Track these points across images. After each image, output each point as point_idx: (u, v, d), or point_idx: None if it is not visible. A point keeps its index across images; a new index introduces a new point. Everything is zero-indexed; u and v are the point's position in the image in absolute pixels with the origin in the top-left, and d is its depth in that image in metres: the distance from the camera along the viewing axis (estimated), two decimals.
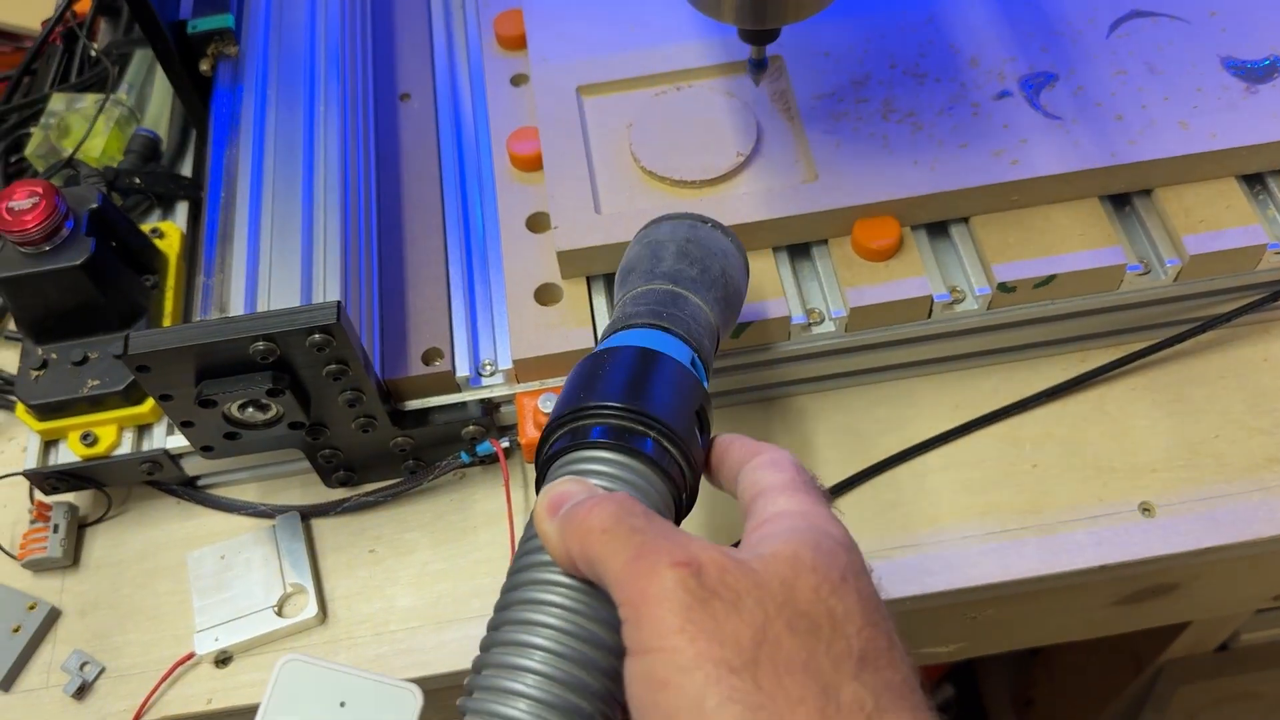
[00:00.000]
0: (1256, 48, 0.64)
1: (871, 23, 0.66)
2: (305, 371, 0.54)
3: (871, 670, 0.33)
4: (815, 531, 0.36)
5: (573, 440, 0.42)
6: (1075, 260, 0.60)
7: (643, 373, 0.44)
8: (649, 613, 0.33)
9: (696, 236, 0.51)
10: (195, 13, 0.68)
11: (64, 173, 0.70)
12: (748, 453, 0.42)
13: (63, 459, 0.61)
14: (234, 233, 0.59)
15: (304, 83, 0.66)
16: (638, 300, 0.49)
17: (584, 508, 0.37)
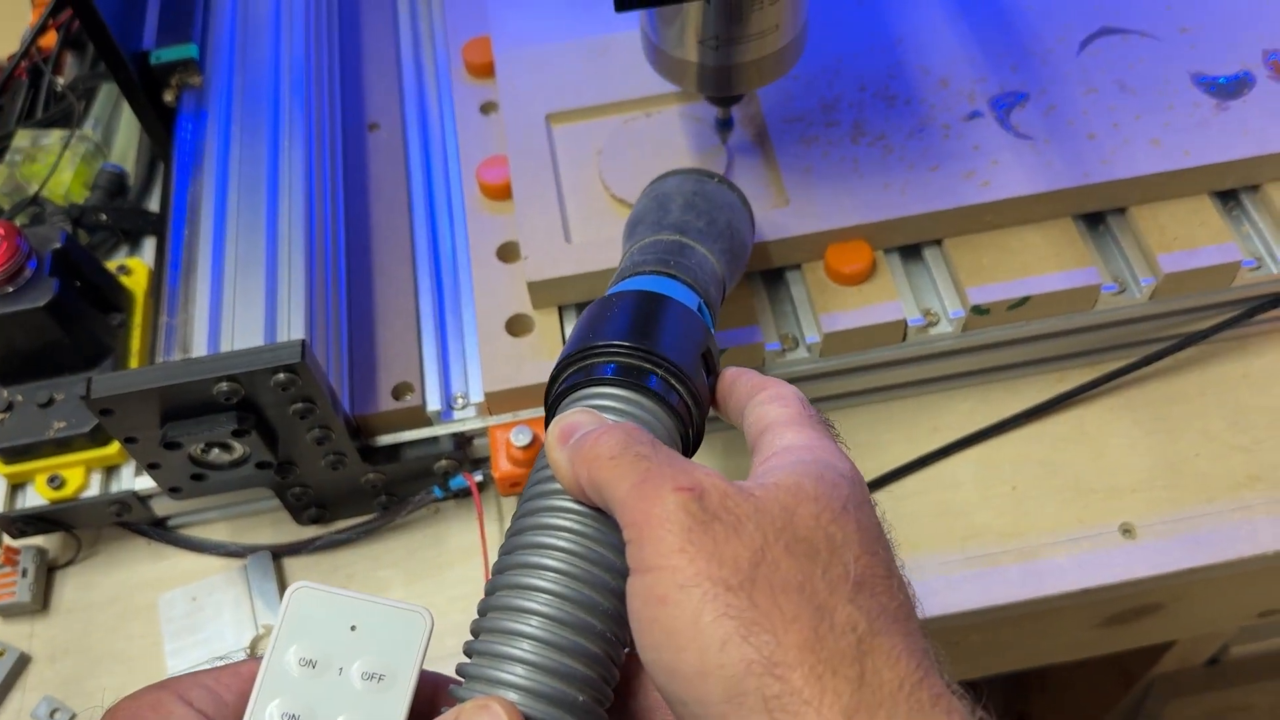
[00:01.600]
0: (1227, 63, 0.64)
1: (841, 45, 0.66)
2: (271, 411, 0.53)
3: (867, 595, 0.33)
4: (819, 464, 0.37)
5: (582, 377, 0.43)
6: (1050, 281, 0.59)
7: (649, 314, 0.45)
8: (651, 533, 0.34)
9: (703, 190, 0.52)
10: (158, 43, 0.67)
11: (30, 210, 0.69)
12: (753, 387, 0.43)
13: (30, 502, 0.60)
14: (197, 271, 0.58)
15: (268, 115, 0.65)
16: (645, 250, 0.50)
17: (593, 436, 0.38)
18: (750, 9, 0.50)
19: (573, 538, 0.38)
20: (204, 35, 0.69)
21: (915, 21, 0.67)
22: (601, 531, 0.38)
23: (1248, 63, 0.64)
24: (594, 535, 0.38)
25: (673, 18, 0.52)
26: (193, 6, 0.69)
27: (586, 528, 0.38)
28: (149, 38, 0.67)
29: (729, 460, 0.63)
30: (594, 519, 0.38)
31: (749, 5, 0.50)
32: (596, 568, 0.38)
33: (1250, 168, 0.61)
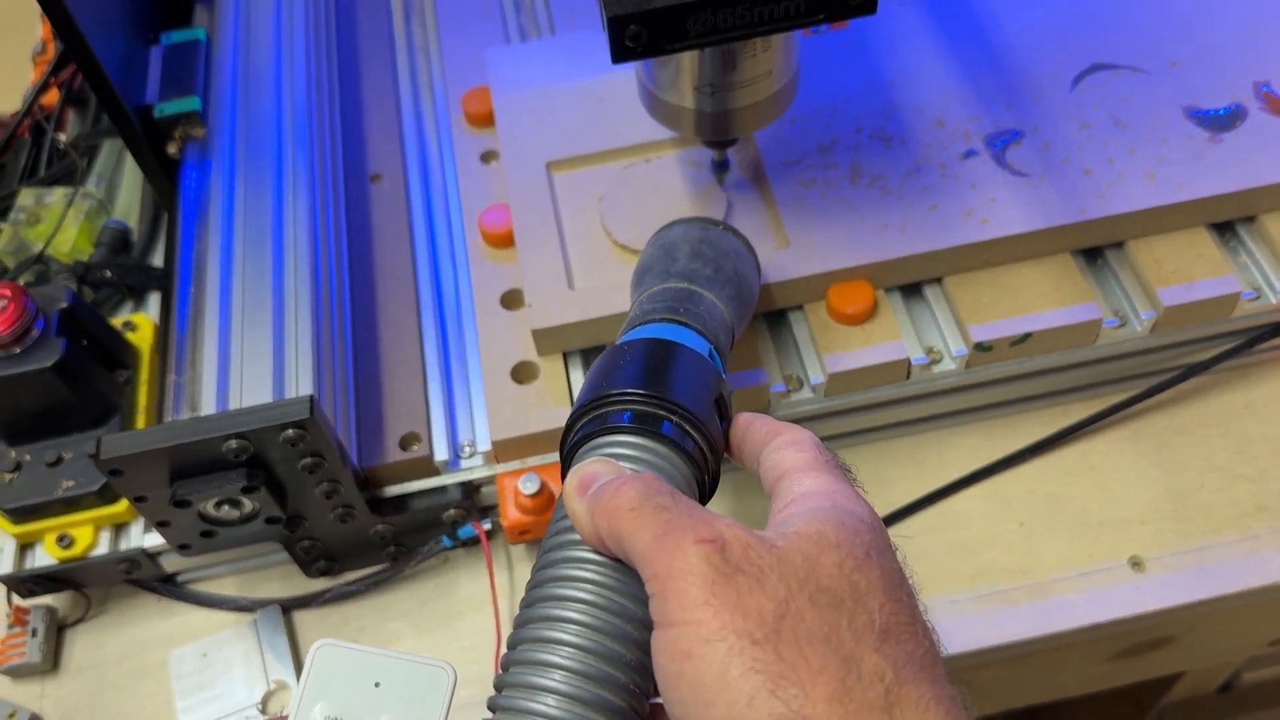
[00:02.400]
0: (1218, 96, 0.65)
1: (836, 88, 0.67)
2: (280, 466, 0.54)
3: (893, 643, 0.33)
4: (839, 510, 0.37)
5: (597, 425, 0.43)
6: (1050, 317, 0.60)
7: (662, 361, 0.45)
8: (675, 587, 0.34)
9: (709, 237, 0.53)
10: (161, 96, 0.68)
11: (35, 268, 0.70)
12: (768, 433, 0.43)
13: (39, 562, 0.60)
14: (204, 329, 0.58)
15: (272, 167, 0.66)
16: (654, 298, 0.50)
17: (612, 487, 0.38)
18: (743, 56, 0.51)
19: (594, 589, 0.38)
20: (206, 89, 0.70)
21: (907, 62, 0.67)
22: (622, 582, 0.38)
23: (1239, 95, 0.65)
24: (615, 586, 0.38)
25: (668, 65, 0.53)
26: (195, 61, 0.70)
27: (607, 578, 0.38)
28: (152, 91, 0.68)
29: (741, 501, 0.63)
30: (615, 569, 0.38)
31: (742, 52, 0.51)
32: (618, 619, 0.37)
33: (1245, 199, 0.62)
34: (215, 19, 0.74)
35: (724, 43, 0.48)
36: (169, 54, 0.70)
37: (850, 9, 0.47)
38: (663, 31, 0.47)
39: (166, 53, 0.70)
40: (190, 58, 0.70)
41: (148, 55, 0.70)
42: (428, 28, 0.80)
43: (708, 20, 0.46)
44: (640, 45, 0.47)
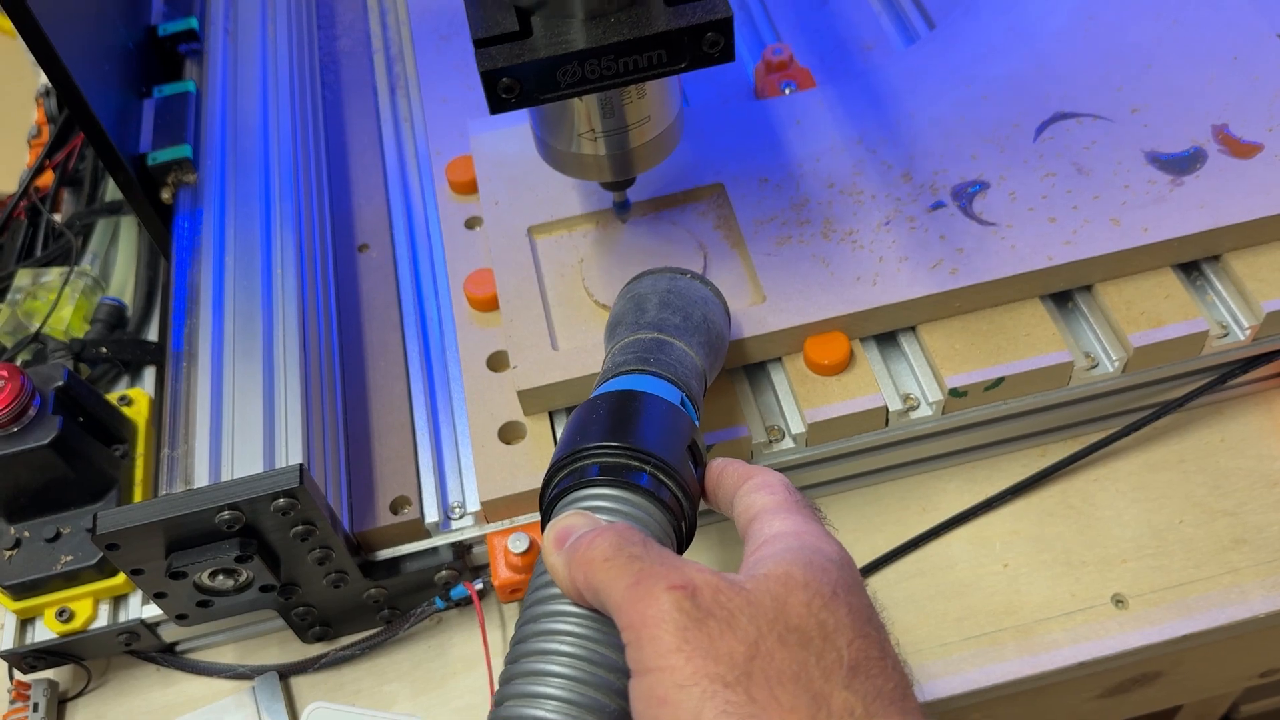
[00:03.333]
0: (1178, 140, 0.66)
1: (806, 148, 0.69)
2: (273, 535, 0.55)
3: (862, 678, 0.34)
4: (807, 550, 0.38)
5: (573, 480, 0.44)
6: (1023, 362, 0.61)
7: (634, 413, 0.47)
8: (648, 634, 0.35)
9: (677, 287, 0.55)
10: (154, 145, 0.71)
11: (32, 347, 0.71)
12: (740, 477, 0.44)
13: (39, 636, 0.61)
14: (195, 402, 0.60)
15: (261, 243, 0.67)
16: (625, 350, 0.52)
17: (587, 539, 0.39)
18: (621, 103, 0.54)
19: (575, 641, 0.39)
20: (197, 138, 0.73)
21: (878, 122, 0.69)
22: (603, 633, 0.39)
23: (1198, 138, 0.66)
24: (596, 638, 0.39)
25: (554, 115, 0.56)
26: (185, 112, 0.73)
27: (588, 630, 0.39)
28: (145, 141, 0.71)
29: (725, 551, 0.64)
30: (595, 621, 0.39)
31: (620, 99, 0.54)
32: (601, 669, 0.38)
33: (1209, 239, 0.63)
34: (204, 73, 0.77)
35: (595, 91, 0.51)
36: (160, 106, 0.73)
37: (707, 57, 0.50)
38: (534, 83, 0.49)
39: (158, 105, 0.73)
40: (181, 109, 0.73)
41: (140, 108, 0.73)
42: (411, 99, 0.82)
43: (575, 72, 0.49)
44: (514, 97, 0.49)
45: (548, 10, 0.49)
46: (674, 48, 0.49)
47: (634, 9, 0.49)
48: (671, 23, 0.49)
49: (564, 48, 0.49)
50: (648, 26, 0.49)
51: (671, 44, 0.49)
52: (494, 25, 0.49)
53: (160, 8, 0.80)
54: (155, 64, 0.78)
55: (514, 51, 0.49)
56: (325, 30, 0.88)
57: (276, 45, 0.79)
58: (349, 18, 0.89)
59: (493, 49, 0.49)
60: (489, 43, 0.49)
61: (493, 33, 0.49)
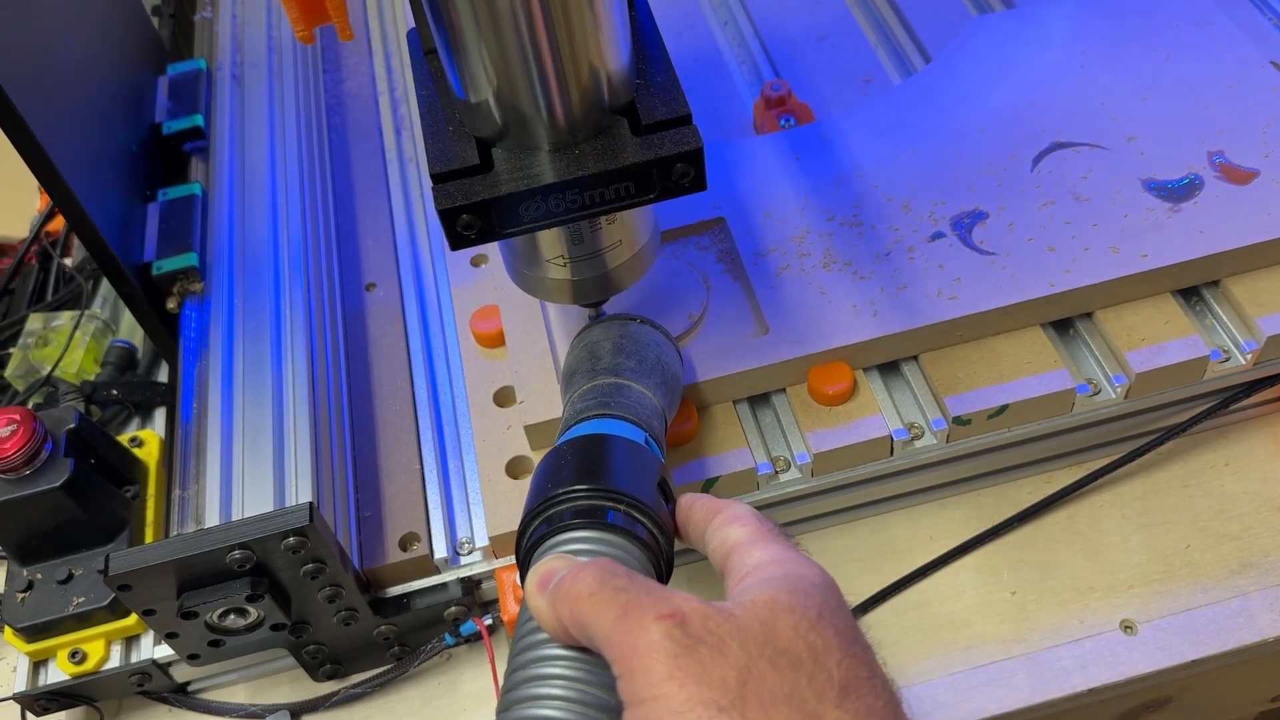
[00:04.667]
0: (1174, 168, 0.67)
1: (807, 182, 0.69)
2: (283, 573, 0.55)
3: (854, 698, 0.34)
4: (791, 576, 0.38)
5: (549, 527, 0.44)
6: (1025, 388, 0.61)
7: (602, 455, 0.47)
8: (639, 664, 0.35)
9: (628, 332, 0.55)
10: (159, 253, 0.70)
11: (44, 390, 0.72)
12: (709, 511, 0.44)
13: (52, 678, 0.61)
14: (207, 443, 0.60)
15: (270, 298, 0.68)
16: (585, 396, 0.52)
17: (570, 577, 0.39)
18: (589, 230, 0.52)
19: (565, 684, 0.39)
20: (203, 242, 0.72)
21: (877, 155, 0.70)
22: (592, 672, 0.39)
23: (1194, 166, 0.67)
24: (585, 678, 0.39)
25: (521, 242, 0.53)
26: (191, 216, 0.72)
27: (576, 670, 0.39)
28: (150, 249, 0.70)
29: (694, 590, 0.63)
30: (583, 661, 0.39)
31: (588, 227, 0.52)
32: (592, 710, 0.38)
33: (1207, 265, 0.64)
34: (211, 171, 0.77)
35: (561, 224, 0.48)
36: (166, 210, 0.72)
37: (678, 188, 0.47)
38: (496, 220, 0.47)
39: (164, 209, 0.72)
40: (187, 213, 0.72)
41: (145, 213, 0.72)
42: (417, 141, 0.83)
43: (539, 206, 0.47)
44: (475, 233, 0.47)
45: (510, 141, 0.47)
46: (643, 179, 0.47)
47: (600, 139, 0.47)
48: (640, 155, 0.46)
49: (527, 183, 0.46)
50: (615, 159, 0.46)
51: (640, 176, 0.47)
52: (452, 159, 0.47)
53: (165, 104, 0.79)
54: (160, 165, 0.77)
55: (474, 187, 0.46)
56: (330, 74, 0.89)
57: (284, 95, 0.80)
58: (354, 60, 0.91)
59: (450, 185, 0.46)
60: (447, 178, 0.46)
61: (451, 167, 0.46)
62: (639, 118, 0.48)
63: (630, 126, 0.48)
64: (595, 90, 0.47)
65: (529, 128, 0.47)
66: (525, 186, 0.46)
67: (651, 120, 0.48)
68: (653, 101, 0.49)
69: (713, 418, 0.63)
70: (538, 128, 0.47)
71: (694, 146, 0.47)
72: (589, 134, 0.47)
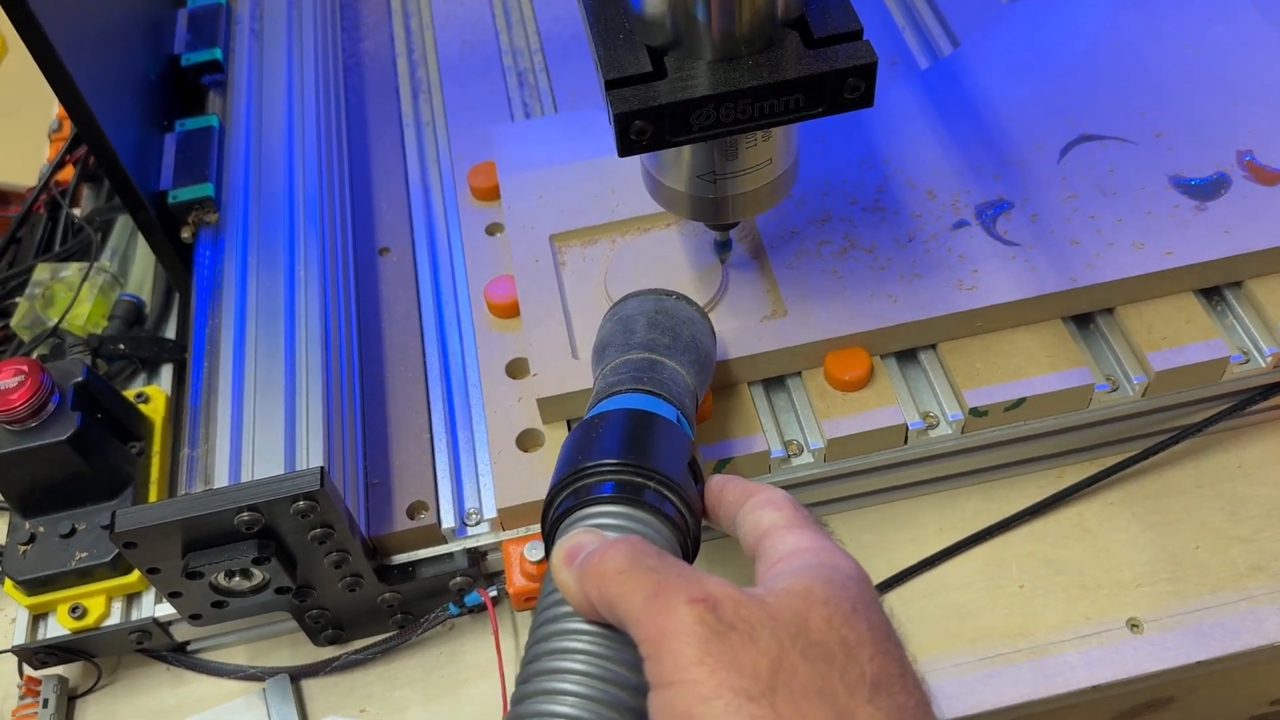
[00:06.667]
0: (1202, 166, 0.66)
1: (832, 166, 0.69)
2: (290, 537, 0.55)
3: (885, 695, 0.34)
4: (825, 567, 0.37)
5: (577, 499, 0.44)
6: (1043, 382, 0.61)
7: (634, 430, 0.46)
8: (668, 647, 0.34)
9: (663, 308, 0.55)
10: (175, 183, 0.70)
11: (50, 342, 0.71)
12: (743, 494, 0.44)
13: (51, 632, 0.61)
14: (217, 402, 0.60)
15: (284, 245, 0.68)
16: (617, 370, 0.51)
17: (599, 553, 0.38)
18: (744, 145, 0.53)
19: (587, 659, 0.38)
20: (219, 174, 0.72)
21: (902, 140, 0.69)
22: (616, 650, 0.39)
23: (1222, 164, 0.66)
24: (608, 655, 0.39)
25: (671, 155, 0.55)
26: (208, 147, 0.71)
27: (600, 647, 0.39)
28: (166, 178, 0.70)
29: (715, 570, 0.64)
30: (607, 637, 0.39)
31: (743, 142, 0.53)
32: (614, 687, 0.38)
33: (1232, 266, 0.63)
34: (228, 106, 0.76)
35: (727, 135, 0.49)
36: (183, 141, 0.72)
37: (847, 103, 0.48)
38: (667, 127, 0.48)
39: (180, 140, 0.72)
40: (204, 144, 0.71)
41: (162, 143, 0.72)
42: (435, 105, 0.82)
43: (710, 115, 0.47)
44: (645, 139, 0.48)
45: (681, 51, 0.48)
46: (813, 92, 0.47)
47: (770, 51, 0.47)
48: (813, 67, 0.47)
49: (701, 90, 0.47)
50: (787, 70, 0.47)
51: (811, 89, 0.47)
52: (626, 66, 0.47)
53: (184, 36, 0.79)
54: (178, 96, 0.77)
55: (648, 94, 0.47)
56: (349, 33, 0.88)
57: (303, 49, 0.79)
58: (373, 19, 0.89)
59: (626, 90, 0.47)
60: (621, 84, 0.47)
61: (625, 73, 0.47)
62: (810, 31, 0.48)
63: (801, 39, 0.48)
64: (768, 1, 0.47)
65: (701, 38, 0.47)
66: (699, 94, 0.47)
67: (824, 34, 0.48)
68: (824, 15, 0.49)
69: (727, 399, 0.62)
70: (710, 38, 0.47)
71: (868, 60, 0.47)
72: (759, 46, 0.48)
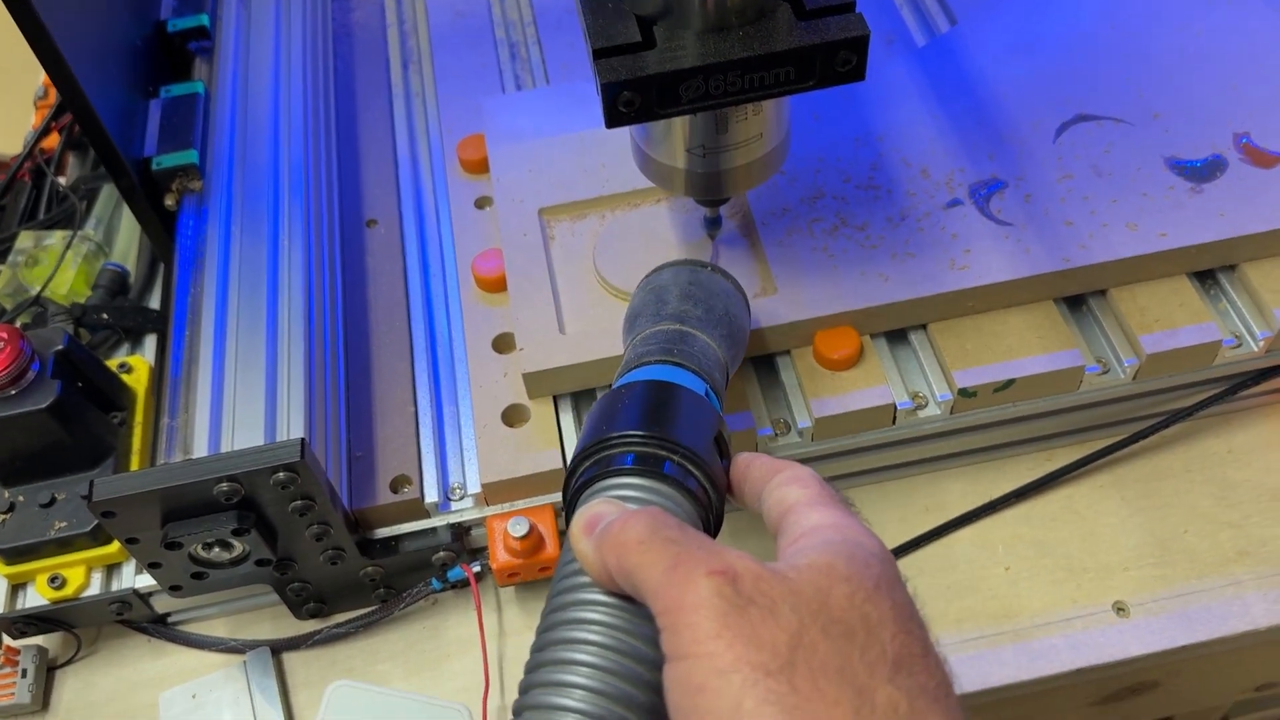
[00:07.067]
0: (1199, 147, 0.66)
1: (826, 142, 0.68)
2: (271, 509, 0.54)
3: (906, 674, 0.33)
4: (849, 543, 0.37)
5: (599, 469, 0.43)
6: (1034, 364, 0.61)
7: (660, 402, 0.46)
8: (686, 619, 0.34)
9: (698, 279, 0.54)
10: (160, 149, 0.69)
11: (32, 310, 0.71)
12: (769, 471, 0.43)
13: (31, 602, 0.60)
14: (198, 372, 0.59)
15: (268, 213, 0.67)
16: (647, 341, 0.51)
17: (619, 523, 0.38)
18: (734, 119, 0.52)
19: (604, 630, 0.38)
20: (204, 141, 0.71)
21: (898, 117, 0.69)
22: (633, 622, 0.38)
23: (1219, 146, 0.66)
24: (625, 627, 0.38)
25: (660, 127, 0.54)
26: (193, 114, 0.70)
27: (617, 619, 0.38)
28: (150, 144, 0.69)
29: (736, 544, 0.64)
30: (624, 609, 0.38)
31: (733, 116, 0.52)
32: (629, 660, 0.37)
33: (1226, 249, 0.63)
34: (214, 72, 0.75)
35: (716, 108, 0.49)
36: (168, 107, 0.71)
37: (838, 75, 0.47)
38: (655, 98, 0.47)
39: (165, 106, 0.71)
40: (189, 111, 0.70)
41: (147, 109, 0.71)
42: (425, 76, 0.82)
43: (699, 87, 0.47)
44: (634, 111, 0.47)
45: (671, 20, 0.47)
46: (804, 65, 0.47)
47: (762, 22, 0.47)
48: (804, 39, 0.46)
49: (690, 61, 0.46)
50: (778, 42, 0.46)
51: (803, 61, 0.47)
52: (615, 35, 0.47)
53: (171, 2, 0.78)
54: (163, 62, 0.76)
55: (636, 64, 0.46)
56: (339, 2, 0.87)
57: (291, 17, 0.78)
58: None
59: (614, 60, 0.46)
60: (609, 53, 0.46)
61: (614, 42, 0.46)
62: (802, 2, 0.47)
63: (793, 11, 0.48)
64: None
65: (691, 7, 0.47)
66: (688, 64, 0.46)
67: (816, 5, 0.47)
68: None
69: None
70: (700, 7, 0.47)
71: (860, 33, 0.46)
72: (750, 16, 0.47)
